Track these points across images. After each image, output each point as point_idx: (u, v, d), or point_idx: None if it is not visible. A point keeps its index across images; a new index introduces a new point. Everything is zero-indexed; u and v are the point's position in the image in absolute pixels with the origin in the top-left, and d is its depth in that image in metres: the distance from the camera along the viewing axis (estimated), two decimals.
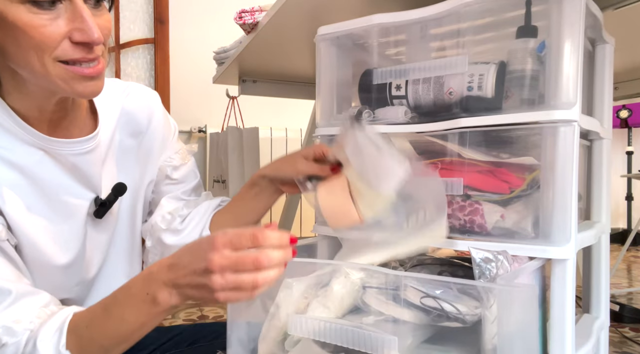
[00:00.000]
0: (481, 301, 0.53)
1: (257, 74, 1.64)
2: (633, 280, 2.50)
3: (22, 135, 0.68)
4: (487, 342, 0.53)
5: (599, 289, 0.81)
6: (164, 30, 2.72)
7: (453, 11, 0.68)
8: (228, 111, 2.22)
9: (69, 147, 0.72)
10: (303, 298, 0.64)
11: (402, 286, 0.57)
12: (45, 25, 0.59)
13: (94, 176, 0.77)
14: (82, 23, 0.61)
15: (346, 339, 0.58)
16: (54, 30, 0.60)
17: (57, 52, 0.61)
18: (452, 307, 0.54)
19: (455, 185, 0.68)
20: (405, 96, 0.75)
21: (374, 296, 0.60)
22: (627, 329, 1.70)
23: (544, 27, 0.65)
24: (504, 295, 0.50)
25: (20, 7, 0.59)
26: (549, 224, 0.61)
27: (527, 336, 0.54)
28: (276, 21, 1.03)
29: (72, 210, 0.76)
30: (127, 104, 0.84)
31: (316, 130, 0.84)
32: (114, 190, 0.79)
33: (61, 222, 0.74)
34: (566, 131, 0.60)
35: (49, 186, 0.72)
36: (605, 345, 0.80)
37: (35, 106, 0.69)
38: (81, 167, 0.75)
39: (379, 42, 0.78)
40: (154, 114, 0.88)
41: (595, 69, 0.81)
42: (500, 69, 0.67)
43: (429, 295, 0.55)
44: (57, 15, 0.60)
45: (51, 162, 0.72)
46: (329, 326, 0.59)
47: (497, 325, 0.51)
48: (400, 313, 0.57)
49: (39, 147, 0.70)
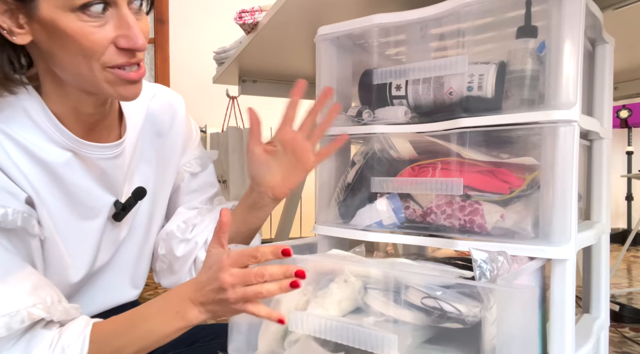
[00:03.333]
0: (481, 301, 0.53)
1: (257, 74, 1.64)
2: (633, 280, 2.50)
3: (56, 136, 0.69)
4: (486, 343, 0.53)
5: (599, 289, 0.81)
6: (164, 30, 2.72)
7: (453, 11, 0.68)
8: (228, 111, 2.22)
9: (100, 152, 0.74)
10: (302, 295, 0.66)
11: (403, 287, 0.58)
12: (94, 32, 0.62)
13: (118, 180, 0.78)
14: (128, 30, 0.63)
15: (347, 337, 0.58)
16: (102, 37, 0.62)
17: (104, 58, 0.63)
18: (453, 307, 0.55)
19: (455, 185, 0.68)
20: (405, 96, 0.75)
21: (374, 297, 0.60)
22: (627, 329, 1.70)
23: (544, 27, 0.65)
24: (504, 296, 0.50)
25: (71, 15, 0.60)
26: (549, 224, 0.61)
27: (526, 337, 0.54)
28: (276, 21, 1.03)
29: (94, 212, 0.77)
30: (152, 105, 0.85)
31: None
32: (134, 194, 0.80)
33: (81, 222, 0.75)
34: (566, 131, 0.60)
35: (73, 187, 0.73)
36: (605, 345, 0.80)
37: (73, 109, 0.70)
38: (107, 171, 0.76)
39: (379, 42, 0.78)
40: (177, 117, 0.88)
41: (595, 69, 0.81)
42: (500, 69, 0.67)
43: (429, 296, 0.56)
44: (104, 22, 0.62)
45: (79, 164, 0.73)
46: (330, 324, 0.60)
47: (496, 326, 0.52)
48: (401, 313, 0.58)
49: (69, 149, 0.71)
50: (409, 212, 0.75)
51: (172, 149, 0.88)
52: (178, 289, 0.65)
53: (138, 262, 0.88)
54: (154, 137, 0.85)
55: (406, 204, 0.76)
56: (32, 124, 0.68)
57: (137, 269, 0.88)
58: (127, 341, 0.64)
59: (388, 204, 0.76)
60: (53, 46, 0.63)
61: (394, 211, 0.76)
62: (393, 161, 0.78)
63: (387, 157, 0.78)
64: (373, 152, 0.79)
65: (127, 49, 0.64)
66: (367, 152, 0.80)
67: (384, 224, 0.76)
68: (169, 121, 0.87)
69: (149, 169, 0.85)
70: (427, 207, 0.73)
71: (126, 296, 0.88)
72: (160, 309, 0.65)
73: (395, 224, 0.76)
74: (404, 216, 0.76)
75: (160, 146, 0.86)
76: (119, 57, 0.64)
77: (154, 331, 0.64)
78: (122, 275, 0.86)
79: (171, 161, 0.89)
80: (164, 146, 0.87)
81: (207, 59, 1.85)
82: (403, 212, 0.76)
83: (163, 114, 0.87)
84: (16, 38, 0.63)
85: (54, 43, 0.63)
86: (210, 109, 2.69)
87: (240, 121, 2.24)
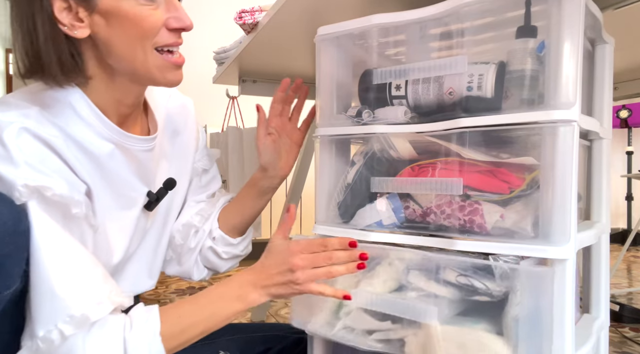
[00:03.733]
0: (505, 280, 0.62)
1: (257, 74, 1.64)
2: (633, 280, 2.50)
3: (100, 128, 0.73)
4: (509, 315, 0.62)
5: (599, 289, 0.81)
6: None
7: (453, 11, 0.68)
8: (228, 111, 2.22)
9: (139, 144, 0.78)
10: (353, 276, 0.77)
11: (442, 268, 0.67)
12: (151, 14, 0.69)
13: (151, 172, 0.83)
14: (177, 11, 0.72)
15: (394, 308, 0.69)
16: (157, 19, 0.70)
17: (156, 38, 0.71)
18: (482, 284, 0.65)
19: (455, 185, 0.68)
20: (405, 96, 0.75)
21: (417, 276, 0.70)
22: (627, 329, 1.70)
23: (543, 27, 0.65)
24: (526, 275, 0.60)
25: (130, 1, 0.68)
26: (549, 224, 0.61)
27: (543, 311, 0.60)
28: (276, 21, 1.03)
29: (132, 203, 0.80)
30: (169, 105, 0.91)
31: (316, 130, 0.84)
32: (166, 184, 0.85)
33: (121, 212, 0.78)
34: (566, 131, 0.60)
35: (116, 177, 0.76)
36: (605, 345, 0.80)
37: (116, 101, 0.75)
38: (144, 163, 0.80)
39: (379, 42, 0.78)
40: (190, 117, 0.95)
41: (595, 69, 0.81)
42: (499, 69, 0.67)
43: (463, 274, 0.66)
44: (157, 6, 0.70)
45: (120, 155, 0.76)
46: (379, 298, 0.71)
47: (519, 298, 0.61)
48: (439, 289, 0.67)
49: (112, 141, 0.74)
50: (408, 212, 0.75)
51: (186, 147, 0.94)
52: (239, 276, 0.73)
53: (155, 252, 0.91)
54: (172, 135, 0.91)
55: (406, 204, 0.76)
56: (78, 118, 0.71)
57: (155, 259, 0.91)
58: (192, 323, 0.70)
59: (388, 204, 0.77)
60: (111, 34, 0.69)
61: (394, 211, 0.76)
62: (393, 161, 0.78)
63: (387, 157, 0.78)
64: (373, 152, 0.79)
65: (176, 29, 0.72)
66: (367, 152, 0.80)
67: (384, 224, 0.76)
68: (184, 121, 0.93)
69: (169, 164, 0.90)
70: (427, 207, 0.73)
71: (143, 286, 0.90)
72: (222, 293, 0.72)
73: (395, 224, 0.76)
74: (404, 215, 0.76)
75: (176, 143, 0.92)
76: (169, 37, 0.72)
77: (216, 314, 0.71)
78: (142, 265, 0.89)
79: (187, 158, 0.94)
80: (180, 143, 0.92)
81: (207, 59, 1.85)
82: (403, 212, 0.76)
83: (178, 115, 0.92)
84: (77, 32, 0.67)
85: (113, 31, 0.69)
86: (210, 109, 2.69)
87: (240, 121, 2.24)
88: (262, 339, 0.95)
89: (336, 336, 0.76)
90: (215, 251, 0.94)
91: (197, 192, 0.98)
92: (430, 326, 0.65)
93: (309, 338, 0.84)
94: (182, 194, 0.95)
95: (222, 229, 0.95)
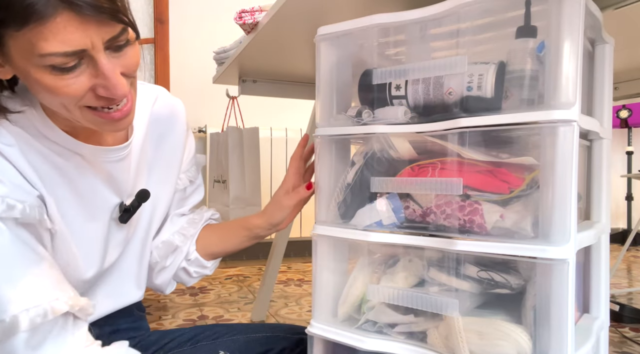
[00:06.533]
0: (525, 273, 0.65)
1: (257, 74, 1.64)
2: (633, 280, 2.50)
3: (62, 143, 0.71)
4: (527, 307, 0.64)
5: (599, 289, 0.81)
6: (164, 30, 2.72)
7: (453, 11, 0.68)
8: (228, 111, 2.22)
9: (104, 155, 0.75)
10: (374, 273, 0.79)
11: (462, 262, 0.68)
12: (68, 85, 0.59)
13: (124, 182, 0.80)
14: (106, 80, 0.60)
15: (416, 302, 0.71)
16: (78, 88, 0.60)
17: (82, 102, 0.62)
18: (502, 278, 0.67)
19: (455, 185, 0.68)
20: (405, 96, 0.75)
21: (438, 272, 0.71)
22: (627, 329, 1.70)
23: (543, 27, 0.65)
24: (543, 268, 0.61)
25: (43, 69, 0.58)
26: (549, 224, 0.61)
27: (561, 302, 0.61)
28: (276, 21, 1.03)
29: (101, 214, 0.78)
30: (155, 109, 0.87)
31: (316, 130, 0.84)
32: (138, 196, 0.81)
33: (89, 222, 0.76)
34: (565, 131, 0.60)
35: (83, 188, 0.74)
36: (605, 345, 0.80)
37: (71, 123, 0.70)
38: (113, 174, 0.77)
39: (379, 42, 0.78)
40: (178, 121, 0.91)
41: (595, 69, 0.81)
42: (499, 69, 0.67)
43: (483, 269, 0.68)
44: (79, 73, 0.60)
45: (87, 166, 0.74)
46: (402, 292, 0.73)
47: (536, 290, 0.62)
48: (460, 284, 0.69)
49: (77, 153, 0.72)
50: (408, 212, 0.75)
51: (174, 152, 0.90)
52: None
53: (140, 263, 0.89)
54: (158, 141, 0.87)
55: (406, 204, 0.76)
56: (40, 135, 0.69)
57: (140, 269, 0.90)
58: None
59: (388, 204, 0.77)
60: (33, 89, 0.63)
61: (394, 211, 0.76)
62: (393, 160, 0.78)
63: (387, 157, 0.78)
64: (373, 152, 0.79)
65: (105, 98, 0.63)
66: (367, 152, 0.80)
67: (384, 224, 0.76)
68: (172, 124, 0.89)
69: (153, 171, 0.87)
70: (427, 207, 0.73)
71: (132, 297, 0.89)
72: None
73: (395, 224, 0.76)
74: (404, 215, 0.76)
75: (163, 149, 0.88)
76: (98, 101, 0.63)
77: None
78: (128, 276, 0.87)
79: (173, 164, 0.91)
80: (167, 149, 0.89)
81: (207, 59, 1.85)
82: (403, 212, 0.76)
83: (166, 117, 0.88)
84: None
85: (32, 88, 0.63)
86: (210, 109, 2.69)
87: (240, 120, 2.24)
88: (263, 340, 0.95)
89: (360, 330, 0.77)
90: (187, 270, 0.95)
91: (180, 205, 0.97)
92: (452, 318, 0.67)
93: (309, 338, 0.84)
94: (166, 203, 0.92)
95: (198, 252, 0.95)
